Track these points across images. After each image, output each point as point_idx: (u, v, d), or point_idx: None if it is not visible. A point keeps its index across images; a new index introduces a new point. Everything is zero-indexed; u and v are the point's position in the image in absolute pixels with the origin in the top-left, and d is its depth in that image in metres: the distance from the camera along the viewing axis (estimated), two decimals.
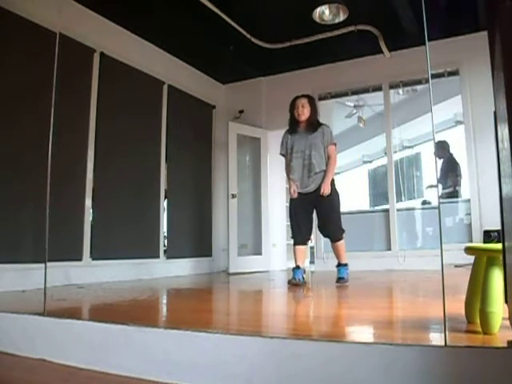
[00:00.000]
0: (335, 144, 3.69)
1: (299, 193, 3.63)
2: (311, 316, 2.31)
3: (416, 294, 3.16)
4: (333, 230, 3.57)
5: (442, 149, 6.04)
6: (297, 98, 3.72)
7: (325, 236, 3.69)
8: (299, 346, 1.36)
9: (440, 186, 6.24)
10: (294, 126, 3.71)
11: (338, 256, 3.60)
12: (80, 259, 4.01)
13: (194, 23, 4.60)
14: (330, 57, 5.51)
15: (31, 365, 1.72)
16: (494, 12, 1.24)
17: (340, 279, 3.48)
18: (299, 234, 3.59)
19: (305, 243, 3.67)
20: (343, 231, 3.60)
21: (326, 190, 3.50)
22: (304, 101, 3.67)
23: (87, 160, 4.18)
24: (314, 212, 3.67)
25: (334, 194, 3.58)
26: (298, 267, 3.54)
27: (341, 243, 3.58)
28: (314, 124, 3.65)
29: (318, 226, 3.67)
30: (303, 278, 3.54)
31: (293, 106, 3.69)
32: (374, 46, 5.08)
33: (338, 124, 7.37)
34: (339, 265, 3.58)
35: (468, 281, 1.62)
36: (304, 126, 3.66)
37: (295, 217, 3.66)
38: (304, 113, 3.63)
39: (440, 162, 6.30)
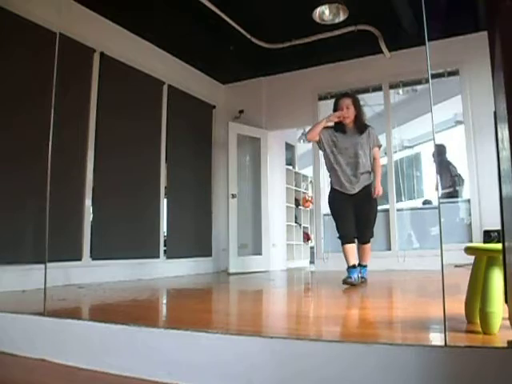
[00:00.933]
0: (380, 146, 3.63)
1: (342, 192, 3.52)
2: (311, 316, 2.31)
3: (416, 293, 3.16)
4: (367, 233, 3.53)
5: (437, 153, 6.06)
6: (340, 97, 3.56)
7: (355, 237, 3.56)
8: (299, 345, 1.36)
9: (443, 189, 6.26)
10: (338, 126, 3.54)
11: (362, 256, 3.57)
12: (80, 259, 4.01)
13: (194, 23, 4.60)
14: (330, 57, 5.50)
15: (31, 365, 1.71)
16: (494, 12, 1.24)
17: (362, 278, 3.47)
18: (347, 233, 3.46)
19: (353, 241, 3.51)
20: (373, 235, 3.60)
21: (379, 190, 3.46)
22: (348, 101, 3.49)
23: (87, 160, 4.18)
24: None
25: (373, 198, 3.54)
26: (353, 266, 3.40)
27: (368, 246, 3.57)
28: (360, 125, 3.50)
29: (358, 230, 3.55)
30: (359, 277, 3.40)
31: (336, 107, 3.54)
32: (374, 46, 5.08)
33: None
34: (360, 265, 3.53)
35: (468, 281, 1.62)
36: (350, 128, 3.52)
37: (341, 217, 3.54)
38: (349, 114, 3.47)
39: (435, 165, 6.32)
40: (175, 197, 5.29)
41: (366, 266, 3.59)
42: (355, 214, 3.51)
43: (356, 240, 3.52)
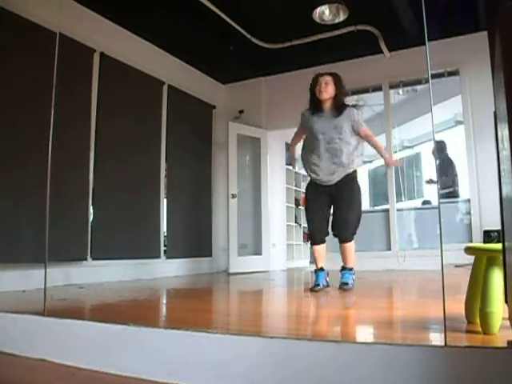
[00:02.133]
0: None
1: (318, 184, 3.19)
2: (311, 316, 2.31)
3: (416, 294, 3.16)
4: (345, 230, 3.13)
5: (438, 150, 6.04)
6: (320, 74, 3.26)
7: (334, 235, 3.23)
8: (299, 346, 1.36)
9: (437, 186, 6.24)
10: (314, 105, 3.24)
11: (343, 258, 3.19)
12: (80, 259, 4.01)
13: (194, 23, 4.60)
14: (330, 57, 5.49)
15: (31, 365, 1.72)
16: (494, 12, 1.24)
17: (343, 284, 3.06)
18: (315, 232, 3.19)
19: (322, 241, 3.22)
20: (355, 233, 3.20)
21: (393, 161, 3.19)
22: (328, 78, 3.18)
23: (87, 160, 4.18)
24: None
25: (357, 189, 3.19)
26: (320, 269, 3.18)
27: (350, 245, 3.16)
28: (338, 105, 3.16)
29: (332, 222, 3.23)
30: (327, 281, 3.19)
31: (314, 83, 3.22)
32: (374, 46, 5.08)
33: None
34: (343, 268, 3.17)
35: (468, 281, 1.62)
36: (327, 106, 3.18)
37: (311, 212, 3.22)
38: (327, 90, 3.15)
39: (436, 162, 6.30)
40: (175, 197, 5.29)
41: (350, 270, 3.15)
42: (334, 209, 3.18)
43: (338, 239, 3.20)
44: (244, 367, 1.37)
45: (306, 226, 7.82)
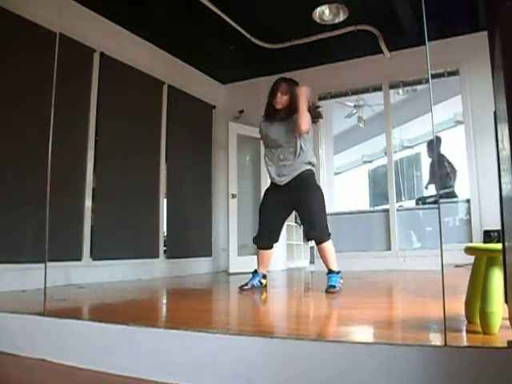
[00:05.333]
0: None
1: (274, 184, 3.23)
2: (311, 316, 2.31)
3: (416, 293, 3.15)
4: (315, 230, 3.06)
5: (431, 148, 6.04)
6: (276, 81, 3.24)
7: (309, 239, 3.23)
8: (299, 346, 1.36)
9: (433, 187, 6.25)
10: (269, 115, 3.28)
11: (325, 261, 3.06)
12: (80, 259, 4.01)
13: (194, 23, 4.59)
14: (330, 57, 5.51)
15: (31, 365, 1.71)
16: (494, 12, 1.24)
17: (330, 287, 2.91)
18: (259, 235, 3.30)
19: (267, 247, 3.30)
20: (329, 232, 3.11)
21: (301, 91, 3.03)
22: (284, 86, 3.16)
23: (87, 160, 4.18)
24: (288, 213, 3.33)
25: (316, 189, 3.17)
26: (255, 272, 3.31)
27: (326, 245, 3.05)
28: (293, 111, 3.13)
29: (304, 228, 3.25)
30: (260, 283, 3.27)
31: (272, 91, 3.21)
32: (374, 46, 5.08)
33: (338, 124, 7.38)
34: (330, 272, 3.03)
35: (468, 281, 1.62)
36: (283, 115, 3.20)
37: (260, 215, 3.32)
38: (282, 101, 3.16)
39: (430, 161, 6.31)
40: (175, 197, 5.29)
41: (334, 272, 3.00)
42: (298, 214, 3.17)
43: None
44: (244, 367, 1.37)
45: None
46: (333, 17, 4.32)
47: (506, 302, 1.38)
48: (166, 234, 5.13)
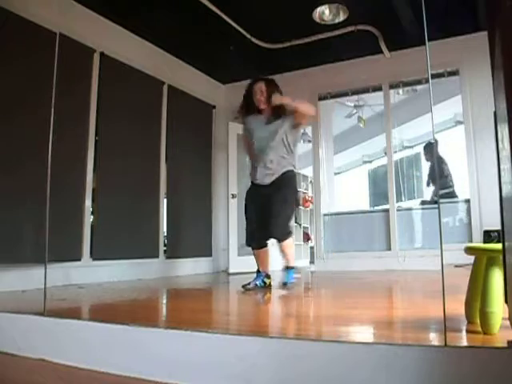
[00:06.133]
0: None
1: (253, 183, 3.29)
2: (311, 316, 2.31)
3: (416, 293, 3.15)
4: (274, 227, 3.10)
5: (429, 152, 6.04)
6: (253, 82, 3.35)
7: (269, 236, 3.21)
8: (299, 346, 1.36)
9: (432, 188, 6.25)
10: (252, 113, 3.32)
11: (286, 257, 3.23)
12: (80, 259, 4.01)
13: (194, 23, 4.59)
14: (330, 57, 5.50)
15: (31, 365, 1.71)
16: (494, 12, 1.24)
17: (285, 284, 3.13)
18: (250, 236, 3.28)
19: (262, 245, 3.28)
20: (291, 230, 3.24)
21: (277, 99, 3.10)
22: (261, 85, 3.26)
23: (87, 160, 4.18)
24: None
25: (290, 187, 3.24)
26: (258, 271, 3.28)
27: (289, 242, 3.20)
28: (277, 110, 3.18)
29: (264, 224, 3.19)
30: (264, 282, 3.26)
31: (249, 93, 3.33)
32: (374, 46, 5.08)
33: (338, 124, 7.38)
34: (287, 268, 3.20)
35: (468, 281, 1.62)
36: (266, 114, 3.26)
37: (247, 217, 3.35)
38: (263, 100, 3.23)
39: (428, 164, 6.31)
40: (175, 197, 5.29)
41: (290, 268, 3.21)
42: (266, 206, 3.15)
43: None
44: (244, 367, 1.37)
45: (305, 225, 7.86)
46: (333, 17, 4.32)
47: (506, 301, 1.38)
48: (165, 233, 5.13)
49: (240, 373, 1.37)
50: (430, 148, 6.01)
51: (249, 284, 3.20)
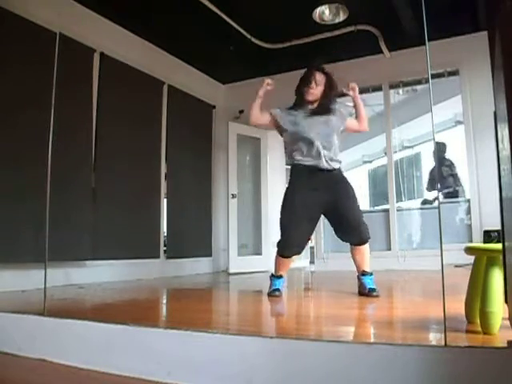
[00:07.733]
0: (352, 115, 3.10)
1: (303, 182, 2.80)
2: (311, 316, 2.31)
3: (416, 294, 3.16)
4: (361, 231, 2.79)
5: (439, 151, 6.05)
6: (312, 69, 3.02)
7: (345, 241, 2.88)
8: (299, 346, 1.36)
9: (439, 186, 6.26)
10: (299, 106, 3.00)
11: (361, 262, 2.86)
12: (80, 259, 4.01)
13: (194, 23, 4.60)
14: (329, 57, 5.49)
15: (31, 365, 1.72)
16: (494, 12, 1.24)
17: (371, 290, 2.73)
18: (292, 243, 2.78)
19: (296, 253, 2.86)
20: (367, 231, 2.84)
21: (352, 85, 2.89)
22: (320, 77, 2.96)
23: (87, 160, 4.18)
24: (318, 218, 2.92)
25: (347, 182, 2.95)
26: (280, 276, 2.89)
27: (367, 246, 2.86)
28: (327, 104, 2.91)
29: (337, 231, 2.89)
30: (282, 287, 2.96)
31: (305, 79, 2.99)
32: (374, 46, 5.08)
33: None
34: (364, 274, 2.84)
35: (468, 281, 1.62)
36: (315, 108, 2.95)
37: (292, 217, 2.77)
38: (316, 92, 2.92)
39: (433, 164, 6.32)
40: (175, 197, 5.29)
41: (371, 274, 2.87)
42: (332, 217, 2.86)
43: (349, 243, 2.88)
44: (244, 367, 1.37)
45: None
46: (333, 17, 4.32)
47: (506, 301, 1.38)
48: (166, 234, 5.13)
49: (240, 372, 1.37)
50: (440, 148, 6.00)
51: (278, 290, 2.84)
